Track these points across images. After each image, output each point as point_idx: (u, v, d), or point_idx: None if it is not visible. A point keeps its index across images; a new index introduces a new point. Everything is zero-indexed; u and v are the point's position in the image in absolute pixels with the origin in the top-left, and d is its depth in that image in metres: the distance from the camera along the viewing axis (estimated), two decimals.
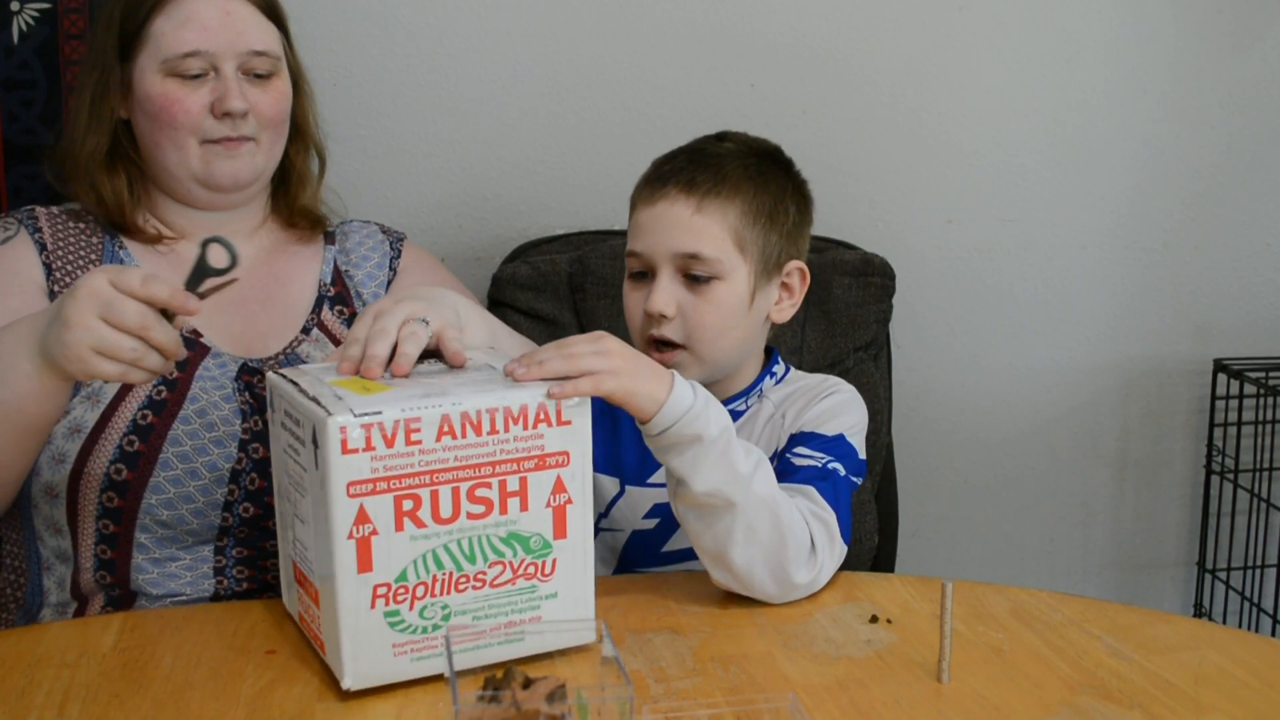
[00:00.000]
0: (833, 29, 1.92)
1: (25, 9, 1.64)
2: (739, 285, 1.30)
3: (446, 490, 0.99)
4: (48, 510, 1.28)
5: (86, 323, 1.02)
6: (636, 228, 1.33)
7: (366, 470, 0.96)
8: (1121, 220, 2.07)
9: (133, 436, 1.25)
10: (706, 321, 1.29)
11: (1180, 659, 1.07)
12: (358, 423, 0.95)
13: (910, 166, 1.99)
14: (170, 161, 1.33)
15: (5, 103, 1.65)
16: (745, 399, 1.37)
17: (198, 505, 1.27)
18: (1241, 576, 2.17)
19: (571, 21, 1.86)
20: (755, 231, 1.31)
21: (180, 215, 1.38)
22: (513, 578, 1.03)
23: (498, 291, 1.75)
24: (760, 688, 1.01)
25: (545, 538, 1.03)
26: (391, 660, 1.01)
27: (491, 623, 1.03)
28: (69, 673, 1.03)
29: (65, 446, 1.25)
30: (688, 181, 1.30)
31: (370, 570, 0.98)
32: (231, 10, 1.32)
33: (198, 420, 1.27)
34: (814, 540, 1.18)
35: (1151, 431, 2.15)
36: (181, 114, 1.30)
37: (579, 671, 0.95)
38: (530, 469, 1.01)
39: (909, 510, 1.92)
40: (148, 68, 1.31)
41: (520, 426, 1.00)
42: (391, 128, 1.85)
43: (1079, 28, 1.99)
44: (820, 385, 1.37)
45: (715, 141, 1.37)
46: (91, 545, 1.27)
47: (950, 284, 2.03)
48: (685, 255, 1.29)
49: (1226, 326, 2.14)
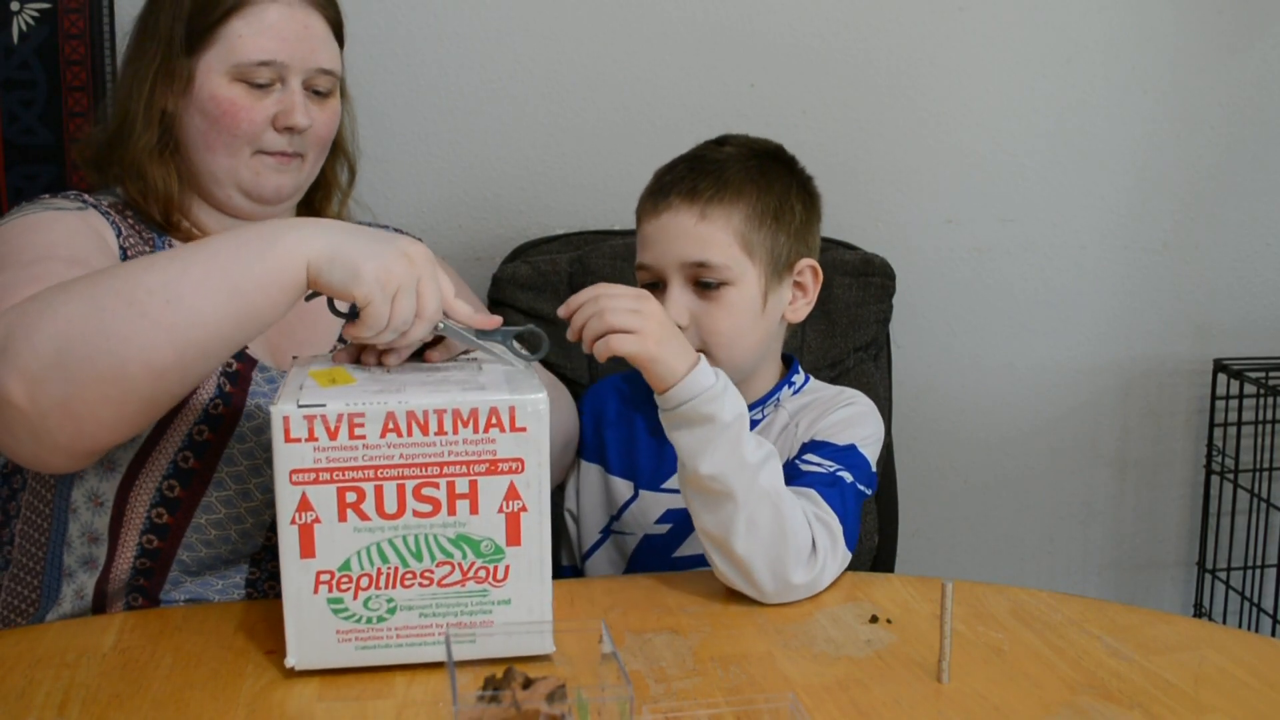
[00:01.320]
0: (833, 29, 1.92)
1: (25, 9, 1.64)
2: (750, 289, 1.30)
3: (391, 486, 1.00)
4: (88, 517, 1.24)
5: (412, 270, 1.03)
6: (643, 240, 1.34)
7: (309, 460, 0.99)
8: (1121, 220, 2.07)
9: (187, 453, 1.22)
10: (720, 327, 1.29)
11: (1180, 659, 1.07)
12: (300, 413, 0.98)
13: (910, 166, 1.99)
14: (219, 166, 1.30)
15: (5, 103, 1.65)
16: (762, 407, 1.37)
17: (246, 526, 1.25)
18: (1241, 576, 2.17)
19: (572, 21, 1.86)
20: (762, 234, 1.31)
21: (211, 218, 1.35)
22: (462, 579, 1.03)
23: (498, 291, 1.75)
24: (760, 688, 1.01)
25: (497, 543, 1.02)
26: (336, 646, 1.03)
27: (439, 621, 1.03)
28: (69, 673, 1.03)
29: (117, 455, 1.21)
30: (690, 190, 1.30)
31: (313, 556, 1.01)
32: (310, 25, 1.30)
33: (254, 439, 1.25)
34: (816, 542, 1.18)
35: (1151, 431, 2.15)
36: (246, 122, 1.28)
37: (579, 671, 0.95)
38: (481, 473, 1.01)
39: (909, 510, 1.92)
40: (215, 67, 1.27)
41: (470, 430, 1.00)
42: (391, 128, 1.85)
43: (1079, 28, 1.99)
44: (837, 397, 1.37)
45: (715, 147, 1.37)
46: (130, 560, 1.24)
47: (950, 284, 2.03)
48: (693, 264, 1.29)
49: (1226, 326, 2.14)
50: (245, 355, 1.28)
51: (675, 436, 1.15)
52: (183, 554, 1.24)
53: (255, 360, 1.29)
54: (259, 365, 1.29)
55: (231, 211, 1.34)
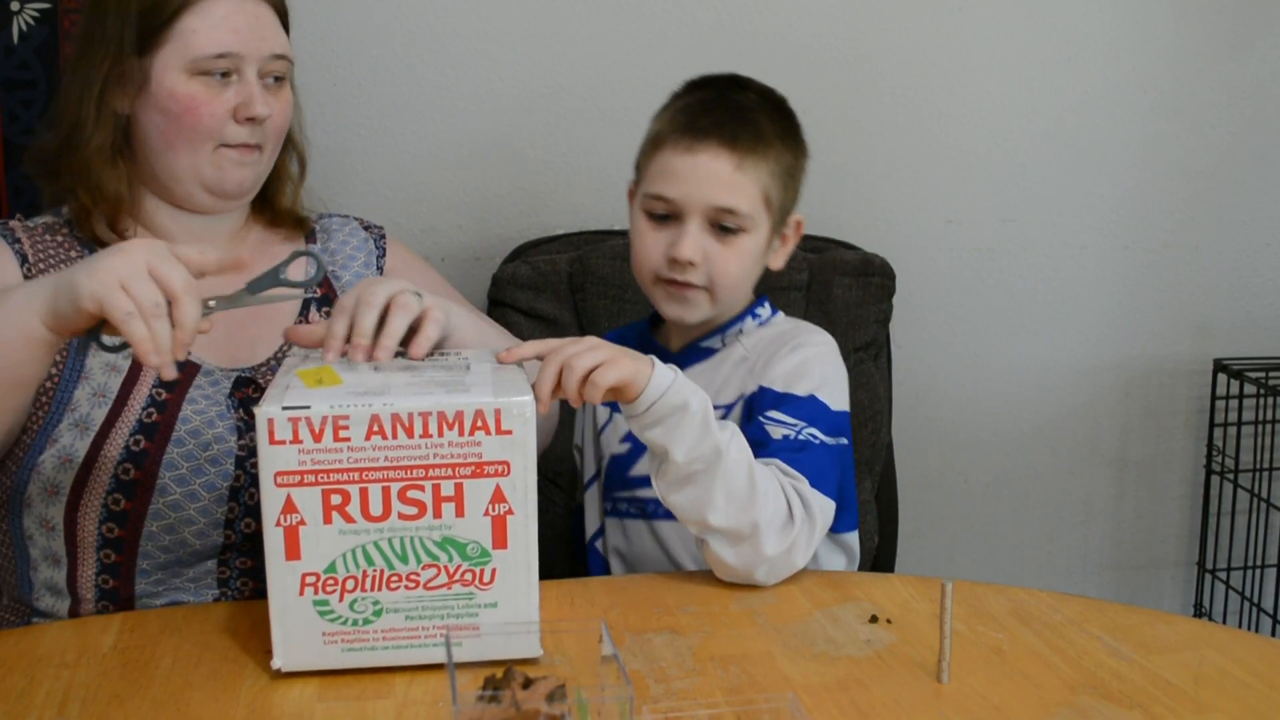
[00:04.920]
0: (833, 29, 1.92)
1: (25, 9, 1.64)
2: (760, 238, 1.35)
3: (377, 489, 1.00)
4: (45, 542, 1.25)
5: (131, 259, 1.01)
6: (668, 174, 1.34)
7: (294, 462, 0.98)
8: (1121, 220, 2.07)
9: (127, 465, 1.22)
10: (730, 270, 1.34)
11: (1180, 659, 1.07)
12: (284, 415, 0.98)
13: (910, 166, 1.99)
14: (181, 164, 1.29)
15: (5, 103, 1.65)
16: (722, 336, 1.39)
17: (199, 526, 1.25)
18: (1241, 576, 2.17)
19: (571, 21, 1.86)
20: (779, 188, 1.36)
21: (169, 219, 1.34)
22: (448, 582, 1.02)
23: (498, 291, 1.75)
24: (760, 688, 1.01)
25: (483, 546, 1.02)
26: (322, 648, 1.02)
27: (426, 624, 1.02)
28: (69, 673, 1.03)
29: (59, 479, 1.22)
30: (730, 137, 1.32)
31: (299, 559, 1.00)
32: (259, 14, 1.30)
33: (192, 441, 1.25)
34: (791, 513, 1.20)
35: (1151, 431, 2.15)
36: (207, 116, 1.27)
37: (579, 671, 0.95)
38: (467, 475, 1.00)
39: (909, 510, 1.92)
40: (171, 65, 1.27)
41: (455, 432, 0.99)
42: (391, 128, 1.85)
43: (1079, 28, 1.99)
44: (792, 333, 1.39)
45: (740, 90, 1.39)
46: (92, 575, 1.25)
47: (950, 284, 2.03)
48: (720, 209, 1.32)
49: (1226, 326, 2.14)
50: (188, 363, 1.28)
51: (650, 435, 1.16)
52: (142, 562, 1.25)
53: (199, 365, 1.29)
54: (203, 369, 1.29)
55: (192, 208, 1.34)
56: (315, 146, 1.49)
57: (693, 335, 1.41)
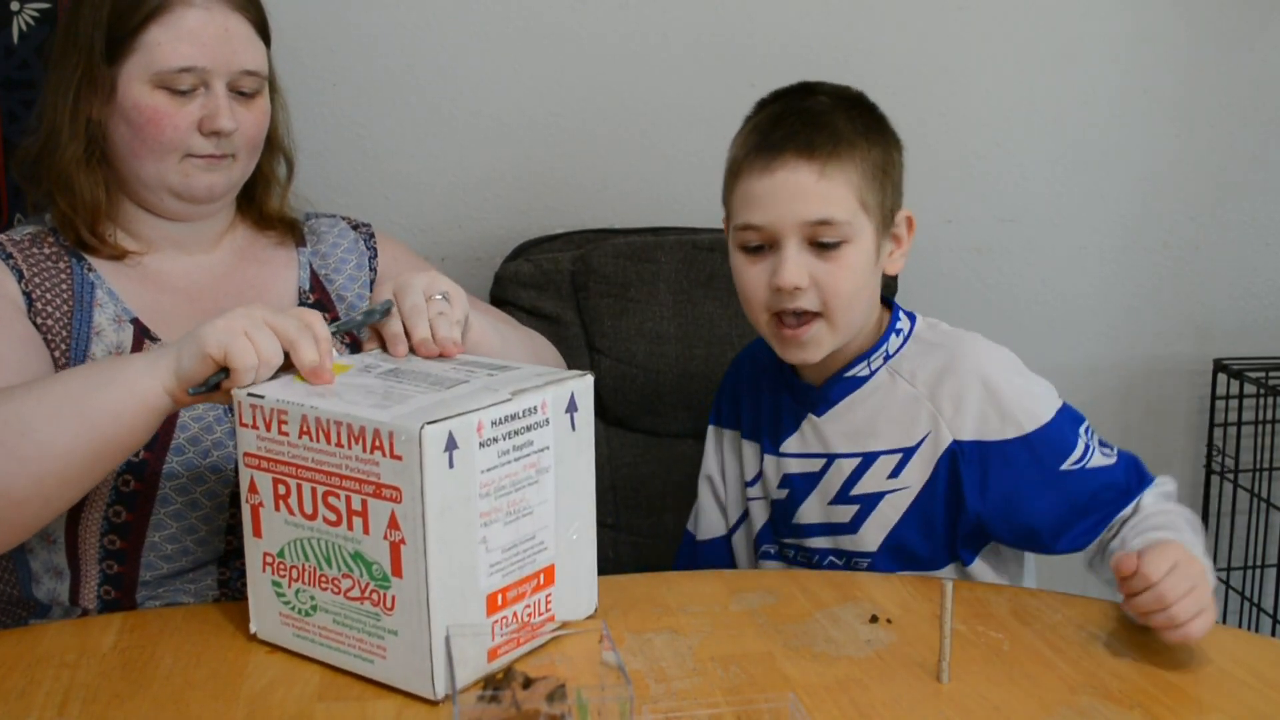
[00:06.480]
0: (833, 29, 1.92)
1: (25, 9, 1.64)
2: (866, 245, 1.25)
3: (308, 488, 1.00)
4: (46, 555, 1.25)
5: (250, 312, 1.04)
6: (751, 200, 1.25)
7: (255, 446, 1.02)
8: (1122, 220, 2.07)
9: (128, 476, 1.22)
10: (842, 288, 1.24)
11: (1180, 659, 1.07)
12: (248, 401, 1.01)
13: (910, 166, 1.98)
14: (147, 172, 1.28)
15: (5, 103, 1.65)
16: (868, 361, 1.31)
17: (201, 534, 1.25)
18: (1241, 576, 2.17)
19: (572, 21, 1.86)
20: (875, 187, 1.26)
21: (147, 224, 1.33)
22: (360, 597, 1.00)
23: (500, 290, 1.75)
24: (760, 688, 1.01)
25: (384, 569, 0.97)
26: (280, 626, 1.06)
27: (346, 632, 1.01)
28: (69, 673, 1.03)
29: None
30: (806, 145, 1.23)
31: (260, 537, 1.04)
32: (231, 27, 1.28)
33: (191, 449, 1.24)
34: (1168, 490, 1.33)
35: (1151, 431, 2.15)
36: (170, 129, 1.26)
37: (579, 671, 0.95)
38: (369, 494, 0.96)
39: None
40: (136, 76, 1.25)
41: (360, 447, 0.95)
42: (392, 128, 1.85)
43: (1080, 28, 1.99)
44: (948, 352, 1.30)
45: (809, 96, 1.31)
46: (95, 587, 1.25)
47: (950, 284, 2.03)
48: (814, 223, 1.23)
49: (1226, 326, 2.14)
50: None
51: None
52: (145, 573, 1.25)
53: None
54: None
55: (166, 214, 1.32)
56: (315, 146, 1.49)
57: (834, 365, 1.31)
